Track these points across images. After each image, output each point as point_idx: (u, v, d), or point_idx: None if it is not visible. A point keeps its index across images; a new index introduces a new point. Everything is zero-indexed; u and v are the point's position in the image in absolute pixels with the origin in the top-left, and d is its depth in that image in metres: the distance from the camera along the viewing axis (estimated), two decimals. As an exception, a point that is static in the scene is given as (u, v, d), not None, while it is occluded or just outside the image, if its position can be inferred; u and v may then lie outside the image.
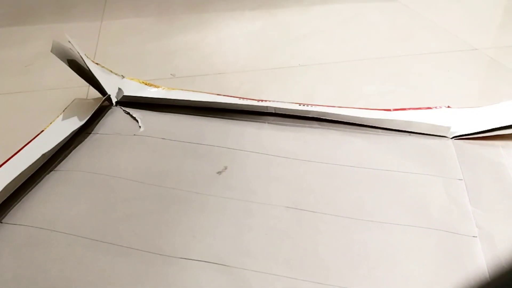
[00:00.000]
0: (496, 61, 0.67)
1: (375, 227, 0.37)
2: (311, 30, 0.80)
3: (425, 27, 0.80)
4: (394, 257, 0.35)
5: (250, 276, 0.33)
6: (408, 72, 0.65)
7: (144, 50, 0.75)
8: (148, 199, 0.41)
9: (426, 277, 0.33)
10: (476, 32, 0.77)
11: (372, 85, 0.61)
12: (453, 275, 0.33)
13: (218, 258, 0.35)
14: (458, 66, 0.66)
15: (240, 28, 0.82)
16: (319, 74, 0.66)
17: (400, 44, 0.74)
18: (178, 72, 0.67)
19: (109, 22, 0.87)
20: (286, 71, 0.67)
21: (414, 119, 0.49)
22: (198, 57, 0.72)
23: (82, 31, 0.83)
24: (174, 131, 0.51)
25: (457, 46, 0.72)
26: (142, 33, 0.82)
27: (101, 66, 0.57)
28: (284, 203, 0.40)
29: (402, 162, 0.45)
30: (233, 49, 0.75)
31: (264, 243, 0.36)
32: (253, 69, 0.67)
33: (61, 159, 0.46)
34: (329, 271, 0.34)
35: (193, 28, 0.83)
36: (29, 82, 0.62)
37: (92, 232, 0.37)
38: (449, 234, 0.36)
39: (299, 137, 0.49)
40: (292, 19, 0.87)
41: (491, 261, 0.33)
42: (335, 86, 0.62)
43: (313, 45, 0.75)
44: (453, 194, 0.40)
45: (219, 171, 0.44)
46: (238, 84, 0.62)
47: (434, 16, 0.83)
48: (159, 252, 0.35)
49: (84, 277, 0.34)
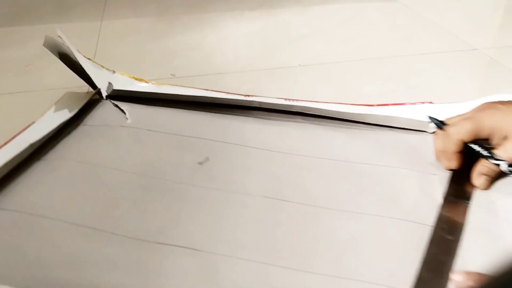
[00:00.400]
0: (496, 61, 0.67)
1: (346, 216, 0.39)
2: (311, 30, 0.80)
3: (425, 27, 0.80)
4: (361, 245, 0.36)
5: (220, 260, 0.35)
6: (408, 72, 0.65)
7: (144, 50, 0.75)
8: (130, 187, 0.42)
9: (390, 264, 0.34)
10: (476, 32, 0.77)
11: (372, 85, 0.62)
12: (416, 264, 0.34)
13: (191, 244, 0.36)
14: (458, 66, 0.67)
15: (240, 28, 0.82)
16: (319, 74, 0.66)
17: (400, 44, 0.74)
18: (178, 72, 0.67)
19: (109, 22, 0.87)
20: (286, 71, 0.67)
21: (395, 114, 0.50)
22: (198, 57, 0.72)
23: (82, 31, 0.83)
24: (160, 123, 0.52)
25: (457, 46, 0.72)
26: (142, 33, 0.82)
27: (92, 61, 0.58)
28: (261, 193, 0.41)
29: (379, 156, 0.46)
30: (233, 49, 0.75)
31: (237, 230, 0.38)
32: (253, 69, 0.67)
33: (49, 148, 0.48)
34: (296, 256, 0.35)
35: (193, 28, 0.83)
36: (29, 82, 0.62)
37: (73, 217, 0.39)
38: (417, 224, 0.37)
39: (282, 131, 0.51)
40: (292, 19, 0.87)
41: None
42: (335, 86, 0.62)
43: (313, 45, 0.75)
44: (425, 188, 0.42)
45: (201, 162, 0.46)
46: (238, 84, 0.62)
47: (434, 16, 0.83)
48: (135, 237, 0.37)
49: (61, 259, 0.35)
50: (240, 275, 0.34)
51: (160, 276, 0.34)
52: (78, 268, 0.34)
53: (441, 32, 0.78)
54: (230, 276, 0.34)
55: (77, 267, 0.34)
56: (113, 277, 0.33)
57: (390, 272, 0.33)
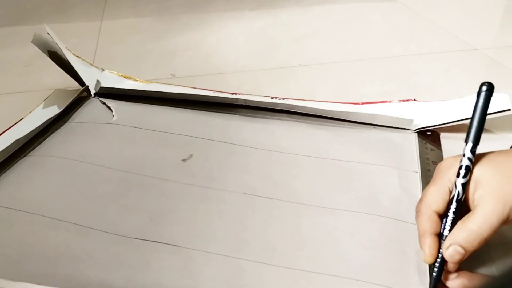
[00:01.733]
0: (496, 61, 0.67)
1: (325, 212, 0.39)
2: (311, 30, 0.80)
3: (425, 27, 0.80)
4: (338, 240, 0.36)
5: (198, 256, 0.35)
6: (408, 72, 0.65)
7: (144, 50, 0.75)
8: (112, 183, 0.43)
9: (365, 259, 0.35)
10: (476, 32, 0.77)
11: (372, 85, 0.62)
12: (391, 259, 0.35)
13: (170, 239, 0.37)
14: (458, 66, 0.67)
15: (240, 28, 0.82)
16: (319, 74, 0.66)
17: (400, 44, 0.74)
18: (178, 72, 0.67)
19: (109, 22, 0.87)
20: (286, 71, 0.67)
21: (380, 112, 0.50)
22: (198, 57, 0.72)
23: (82, 31, 0.83)
24: (146, 120, 0.53)
25: (457, 46, 0.72)
26: (142, 33, 0.82)
27: (81, 59, 0.59)
28: (242, 189, 0.42)
29: (361, 153, 0.46)
30: (233, 49, 0.75)
31: (216, 226, 0.38)
32: (253, 69, 0.67)
33: (35, 145, 0.49)
34: (274, 252, 0.35)
35: (193, 28, 0.83)
36: (29, 82, 0.62)
37: (54, 212, 0.39)
38: (394, 221, 0.38)
39: (266, 128, 0.51)
40: (292, 19, 0.87)
41: None
42: (335, 86, 0.62)
43: (313, 45, 0.75)
44: (406, 185, 0.42)
45: (184, 158, 0.46)
46: (238, 84, 0.62)
47: (434, 16, 0.83)
48: (115, 232, 0.37)
49: (40, 253, 0.36)
50: (216, 270, 0.34)
51: (139, 271, 0.34)
52: (58, 262, 0.35)
53: (441, 32, 0.78)
54: (207, 271, 0.34)
55: (56, 262, 0.35)
56: (92, 271, 0.34)
57: (365, 267, 0.34)
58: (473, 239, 0.30)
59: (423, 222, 0.32)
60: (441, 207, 0.33)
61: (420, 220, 0.33)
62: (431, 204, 0.33)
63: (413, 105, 0.51)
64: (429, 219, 0.32)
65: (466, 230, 0.30)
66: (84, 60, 0.59)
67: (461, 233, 0.31)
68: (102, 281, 0.33)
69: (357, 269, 0.34)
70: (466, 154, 0.32)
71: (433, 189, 0.33)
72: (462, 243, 0.30)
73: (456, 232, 0.31)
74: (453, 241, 0.31)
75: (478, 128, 0.33)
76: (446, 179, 0.33)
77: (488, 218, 0.30)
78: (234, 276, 0.34)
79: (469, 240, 0.30)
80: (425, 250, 0.32)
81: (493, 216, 0.30)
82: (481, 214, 0.30)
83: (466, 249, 0.30)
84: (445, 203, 0.33)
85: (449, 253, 0.31)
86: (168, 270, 0.34)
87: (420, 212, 0.33)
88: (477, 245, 0.30)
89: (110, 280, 0.33)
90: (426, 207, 0.33)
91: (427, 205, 0.33)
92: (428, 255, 0.32)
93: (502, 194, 0.30)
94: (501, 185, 0.31)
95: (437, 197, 0.33)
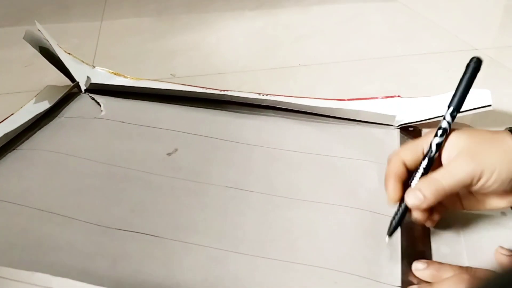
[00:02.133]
0: (496, 61, 0.67)
1: (304, 205, 0.40)
2: (311, 30, 0.80)
3: (425, 27, 0.80)
4: (315, 232, 0.37)
5: (177, 246, 0.36)
6: (408, 72, 0.65)
7: (144, 50, 0.75)
8: (97, 176, 0.44)
9: (341, 250, 0.36)
10: (476, 32, 0.77)
11: (372, 85, 0.62)
12: (365, 249, 0.36)
13: (152, 230, 0.38)
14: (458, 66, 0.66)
15: (240, 28, 0.82)
16: (319, 74, 0.66)
17: (400, 44, 0.74)
18: (178, 72, 0.67)
19: (109, 22, 0.87)
20: (286, 71, 0.67)
21: (364, 109, 0.51)
22: (198, 57, 0.72)
23: (82, 31, 0.83)
24: (133, 115, 0.54)
25: (457, 46, 0.72)
26: (142, 33, 0.82)
27: (72, 56, 0.60)
28: (224, 183, 0.43)
29: (344, 148, 0.47)
30: (233, 49, 0.75)
31: (197, 218, 0.39)
32: (253, 69, 0.67)
33: (25, 139, 0.50)
34: (252, 243, 0.37)
35: (193, 28, 0.83)
36: (29, 82, 0.62)
37: (39, 203, 0.41)
38: (371, 213, 0.39)
39: (252, 124, 0.52)
40: (292, 19, 0.87)
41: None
42: (335, 86, 0.62)
43: (313, 45, 0.75)
44: (384, 179, 0.42)
45: (169, 152, 0.47)
46: (238, 84, 0.62)
47: (434, 16, 0.83)
48: (98, 223, 0.39)
49: (24, 242, 0.37)
50: (194, 260, 0.35)
51: (120, 261, 0.35)
52: (40, 251, 0.36)
53: (441, 32, 0.78)
54: (185, 261, 0.35)
55: (39, 250, 0.36)
56: (74, 260, 0.35)
57: (339, 257, 0.35)
58: (434, 187, 0.32)
59: (390, 167, 0.35)
60: (409, 159, 0.35)
61: (388, 166, 0.36)
62: (401, 154, 0.35)
63: (396, 101, 0.52)
64: (395, 165, 0.35)
65: (428, 178, 0.33)
66: (75, 57, 0.60)
67: (423, 181, 0.33)
68: (83, 269, 0.34)
69: (331, 259, 0.35)
70: (446, 118, 0.35)
71: (408, 145, 0.36)
72: (422, 189, 0.32)
73: (419, 181, 0.33)
74: (414, 187, 0.33)
75: (461, 95, 0.35)
76: (423, 140, 0.36)
77: (453, 171, 0.32)
78: (212, 265, 0.35)
79: (429, 187, 0.32)
80: (388, 192, 0.35)
81: (458, 170, 0.32)
82: (448, 168, 0.33)
83: (425, 196, 0.32)
84: (415, 157, 0.35)
85: (408, 197, 0.33)
86: (147, 259, 0.35)
87: (390, 160, 0.36)
88: (436, 193, 0.32)
89: (91, 268, 0.34)
90: (396, 155, 0.36)
91: (397, 154, 0.36)
92: (389, 196, 0.35)
93: (475, 156, 0.32)
94: (475, 149, 0.32)
95: (409, 150, 0.36)
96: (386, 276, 0.33)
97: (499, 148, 0.32)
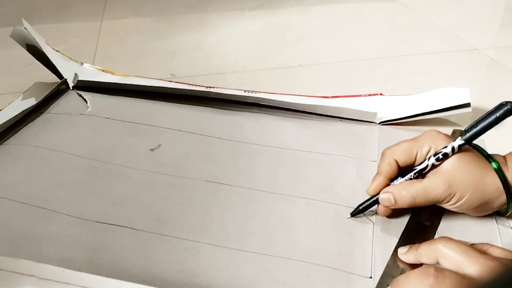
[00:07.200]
0: (496, 61, 0.67)
1: (282, 199, 0.41)
2: (311, 30, 0.80)
3: (425, 27, 0.80)
4: (291, 225, 0.38)
5: (155, 239, 0.37)
6: (408, 72, 0.65)
7: (144, 50, 0.75)
8: (80, 171, 0.45)
9: (315, 243, 0.37)
10: (476, 32, 0.77)
11: (372, 85, 0.62)
12: (339, 243, 0.37)
13: (131, 223, 0.39)
14: (458, 66, 0.67)
15: (240, 28, 0.82)
16: (319, 74, 0.66)
17: (400, 44, 0.74)
18: (178, 72, 0.67)
19: (109, 22, 0.87)
20: (286, 71, 0.67)
21: (346, 106, 0.52)
22: (198, 57, 0.72)
23: (82, 31, 0.83)
24: (119, 111, 0.54)
25: (457, 46, 0.72)
26: (142, 33, 0.82)
27: (60, 53, 0.60)
28: (205, 177, 0.44)
29: (324, 144, 0.48)
30: (233, 49, 0.75)
31: (176, 211, 0.40)
32: (253, 69, 0.67)
33: (11, 134, 0.51)
34: (229, 235, 0.38)
35: (193, 28, 0.83)
36: (29, 82, 0.62)
37: (22, 197, 0.41)
38: (347, 208, 0.40)
39: (236, 120, 0.53)
40: (292, 19, 0.87)
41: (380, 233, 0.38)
42: (335, 86, 0.62)
43: (313, 45, 0.75)
44: (362, 174, 0.44)
45: (153, 148, 0.48)
46: (238, 84, 0.62)
47: (434, 16, 0.83)
48: (78, 216, 0.40)
49: (4, 234, 0.38)
50: (171, 252, 0.36)
51: (98, 252, 0.36)
52: (20, 242, 0.37)
53: (441, 32, 0.78)
54: (162, 252, 0.36)
55: (19, 242, 0.37)
56: (53, 251, 0.36)
57: (314, 250, 0.36)
58: (406, 198, 0.36)
59: (383, 165, 0.38)
60: (402, 159, 0.38)
61: (381, 162, 0.38)
62: (395, 153, 0.38)
63: (379, 99, 0.53)
64: (388, 164, 0.38)
65: (405, 189, 0.36)
66: (63, 54, 0.60)
67: (401, 189, 0.36)
68: (62, 260, 0.35)
69: (305, 252, 0.36)
70: (454, 146, 0.35)
71: (405, 144, 0.38)
72: (396, 196, 0.36)
73: (398, 186, 0.37)
74: (391, 190, 0.37)
75: (478, 132, 0.35)
76: (419, 141, 0.37)
77: (427, 189, 0.36)
78: (188, 257, 0.36)
79: (402, 196, 0.36)
80: (372, 184, 0.38)
81: (433, 189, 0.35)
82: (423, 184, 0.36)
83: (397, 201, 0.36)
84: (408, 159, 0.38)
85: (382, 196, 0.37)
86: (125, 251, 0.36)
87: (384, 155, 0.39)
88: (406, 204, 0.36)
89: (70, 259, 0.35)
90: (390, 153, 0.38)
91: (391, 152, 0.38)
92: (371, 187, 0.38)
93: (453, 179, 0.35)
94: (455, 172, 0.35)
95: (403, 150, 0.38)
96: (358, 268, 0.34)
97: (478, 178, 0.35)
